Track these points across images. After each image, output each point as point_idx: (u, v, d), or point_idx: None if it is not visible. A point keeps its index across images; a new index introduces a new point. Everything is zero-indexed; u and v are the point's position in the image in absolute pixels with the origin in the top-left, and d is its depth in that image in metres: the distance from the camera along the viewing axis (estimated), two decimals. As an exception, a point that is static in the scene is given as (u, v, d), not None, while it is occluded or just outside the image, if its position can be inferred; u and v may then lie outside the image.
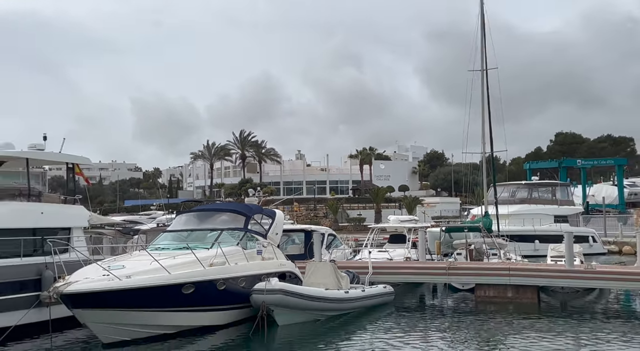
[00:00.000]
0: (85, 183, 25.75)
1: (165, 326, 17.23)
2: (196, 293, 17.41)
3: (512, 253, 30.10)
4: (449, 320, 21.33)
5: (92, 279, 16.18)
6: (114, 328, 16.44)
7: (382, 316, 21.05)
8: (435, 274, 25.05)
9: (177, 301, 17.11)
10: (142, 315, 16.64)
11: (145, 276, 16.58)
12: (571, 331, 18.74)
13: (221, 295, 18.22)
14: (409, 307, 23.56)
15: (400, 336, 18.17)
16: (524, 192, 53.24)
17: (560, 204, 51.61)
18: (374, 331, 18.96)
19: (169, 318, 17.24)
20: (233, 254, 19.15)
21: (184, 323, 17.61)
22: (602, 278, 23.42)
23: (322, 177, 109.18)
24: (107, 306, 16.04)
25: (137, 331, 16.75)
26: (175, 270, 17.13)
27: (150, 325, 16.94)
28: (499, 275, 23.64)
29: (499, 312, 21.54)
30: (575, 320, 20.53)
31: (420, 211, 73.04)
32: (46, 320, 17.30)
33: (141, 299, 16.36)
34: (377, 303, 22.27)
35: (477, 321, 20.63)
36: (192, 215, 22.22)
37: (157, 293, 16.55)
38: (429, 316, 22.17)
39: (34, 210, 20.51)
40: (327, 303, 19.75)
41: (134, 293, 16.18)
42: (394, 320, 20.80)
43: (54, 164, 23.83)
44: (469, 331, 19.17)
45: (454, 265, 24.80)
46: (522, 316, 20.81)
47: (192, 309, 17.61)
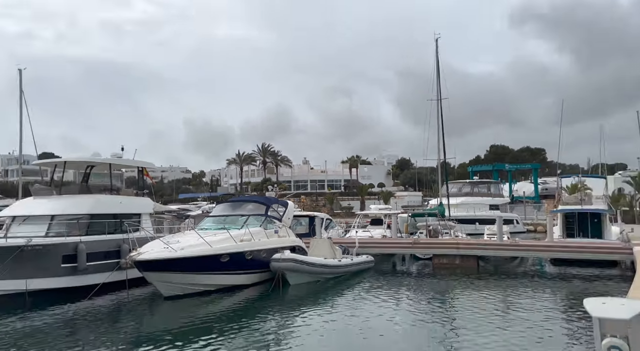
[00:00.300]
0: (151, 182, 25.76)
1: (208, 285, 17.21)
2: (230, 261, 17.42)
3: (459, 232, 30.15)
4: (414, 280, 21.33)
5: (156, 250, 16.23)
6: (171, 285, 16.45)
7: (365, 278, 20.95)
8: (404, 247, 25.10)
9: (216, 267, 17.11)
10: (191, 276, 16.63)
11: (194, 249, 16.61)
12: (500, 286, 19.06)
13: (248, 262, 18.22)
14: (385, 271, 23.47)
15: (378, 291, 18.17)
16: (468, 188, 53.20)
17: (493, 197, 51.67)
18: (359, 288, 18.87)
19: (211, 278, 17.23)
20: (257, 233, 19.14)
21: (221, 282, 17.57)
22: (523, 250, 23.66)
23: (321, 177, 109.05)
24: (166, 270, 16.07)
25: (188, 288, 16.69)
26: (215, 244, 17.15)
27: (197, 283, 16.91)
28: (450, 248, 23.68)
29: (450, 274, 21.55)
30: (503, 279, 20.85)
31: (393, 202, 72.94)
32: (124, 280, 17.35)
33: (190, 265, 16.37)
34: (361, 269, 22.16)
35: (434, 280, 20.74)
36: (228, 205, 22.27)
37: (201, 261, 16.58)
38: (400, 277, 22.27)
39: (115, 200, 20.61)
40: (325, 268, 19.72)
41: (185, 261, 16.20)
42: (373, 280, 20.69)
43: (128, 168, 23.84)
44: (428, 287, 19.27)
45: (417, 241, 24.82)
46: (465, 277, 20.87)
47: (227, 273, 17.59)
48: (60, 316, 14.83)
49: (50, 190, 20.35)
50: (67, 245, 17.63)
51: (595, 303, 3.07)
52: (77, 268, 17.65)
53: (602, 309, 3.00)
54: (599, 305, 3.04)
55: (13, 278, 16.24)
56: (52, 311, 15.27)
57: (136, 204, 21.34)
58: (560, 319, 13.64)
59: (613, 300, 3.08)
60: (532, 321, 13.35)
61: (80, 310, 15.40)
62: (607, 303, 3.04)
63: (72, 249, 17.67)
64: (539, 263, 25.01)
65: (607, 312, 2.96)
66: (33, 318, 14.58)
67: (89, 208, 19.20)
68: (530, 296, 17.10)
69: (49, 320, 14.40)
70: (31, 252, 16.50)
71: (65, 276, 17.46)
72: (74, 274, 17.61)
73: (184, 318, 14.32)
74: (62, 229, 18.34)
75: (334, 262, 20.27)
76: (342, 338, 12.53)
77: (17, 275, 16.24)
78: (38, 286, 16.71)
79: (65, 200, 19.48)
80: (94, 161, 21.70)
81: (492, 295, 17.22)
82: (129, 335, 13.02)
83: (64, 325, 13.93)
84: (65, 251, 17.56)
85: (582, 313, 13.99)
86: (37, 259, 16.69)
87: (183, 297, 16.54)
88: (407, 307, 16.08)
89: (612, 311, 2.95)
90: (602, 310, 2.98)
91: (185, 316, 14.58)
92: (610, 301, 3.06)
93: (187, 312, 15.05)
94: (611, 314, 2.93)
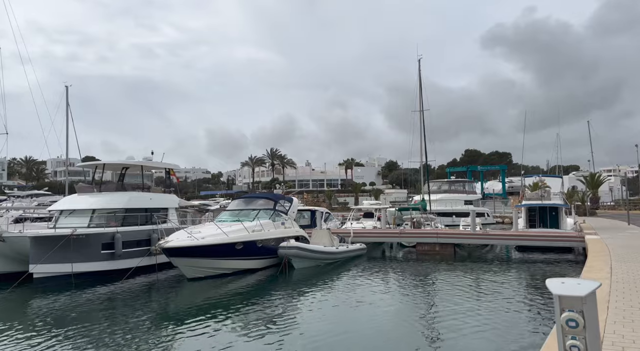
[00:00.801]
0: (176, 181, 25.68)
1: (224, 268, 17.18)
2: (244, 248, 17.39)
3: (438, 224, 30.08)
4: (400, 264, 21.21)
5: (181, 239, 16.19)
6: (194, 268, 16.43)
7: (359, 263, 20.88)
8: (392, 236, 24.99)
9: (232, 253, 17.08)
10: (211, 261, 16.61)
11: (212, 238, 16.57)
12: (473, 269, 18.81)
13: (259, 249, 18.19)
14: (376, 257, 23.38)
15: (370, 273, 18.15)
16: (446, 186, 53.13)
17: (467, 193, 51.57)
18: (354, 271, 18.80)
19: (227, 263, 17.19)
20: (266, 224, 19.11)
21: (236, 266, 17.54)
22: (492, 238, 23.55)
23: (321, 177, 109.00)
24: (189, 256, 16.05)
25: (207, 271, 16.68)
26: (230, 234, 17.11)
27: (216, 267, 16.88)
28: (430, 237, 23.59)
29: (431, 260, 21.43)
30: (476, 263, 20.66)
31: (382, 198, 72.90)
32: (154, 264, 17.33)
33: (210, 251, 16.35)
34: (356, 255, 22.16)
35: (418, 265, 20.59)
36: (242, 200, 22.21)
37: (219, 248, 16.55)
38: (388, 262, 22.11)
39: (146, 197, 20.56)
40: (324, 255, 19.69)
41: (205, 248, 16.17)
42: (366, 264, 20.64)
43: (157, 169, 23.73)
44: (411, 269, 19.14)
45: (403, 231, 24.77)
46: (444, 262, 20.80)
47: (241, 258, 17.56)
48: (101, 294, 14.81)
49: (92, 188, 20.33)
50: (106, 234, 17.62)
51: (556, 282, 3.07)
52: (114, 254, 17.64)
53: (561, 288, 3.00)
54: (558, 285, 3.04)
55: (61, 262, 16.23)
56: (93, 290, 15.29)
57: (164, 200, 21.30)
58: (523, 296, 13.59)
59: (571, 280, 3.08)
60: (499, 297, 13.34)
61: (117, 290, 15.40)
62: (566, 283, 3.04)
63: (110, 238, 17.66)
64: (506, 249, 24.97)
65: (565, 290, 2.96)
66: (79, 296, 14.58)
67: (124, 203, 19.18)
68: (498, 277, 17.03)
69: (92, 297, 14.42)
70: (76, 240, 16.49)
71: (104, 261, 17.46)
72: (111, 259, 17.60)
73: (205, 297, 14.31)
74: (101, 221, 18.36)
75: (332, 249, 20.23)
76: (338, 311, 12.53)
77: (64, 259, 16.23)
78: (81, 269, 16.70)
79: (104, 196, 19.45)
80: (129, 163, 21.69)
81: (466, 276, 17.14)
82: (158, 310, 13.00)
83: (104, 302, 13.91)
84: (105, 239, 17.55)
85: (542, 292, 14.03)
86: (81, 246, 16.67)
87: (204, 279, 16.54)
88: (394, 286, 16.03)
89: (570, 290, 2.95)
90: (562, 289, 2.98)
91: (206, 295, 14.58)
92: (568, 281, 3.06)
93: (208, 291, 15.03)
94: (569, 292, 2.93)
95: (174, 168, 23.33)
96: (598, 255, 14.53)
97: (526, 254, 22.98)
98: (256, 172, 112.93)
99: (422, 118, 35.60)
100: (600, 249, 15.92)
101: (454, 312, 11.64)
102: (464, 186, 53.41)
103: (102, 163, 21.03)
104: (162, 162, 22.87)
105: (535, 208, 26.46)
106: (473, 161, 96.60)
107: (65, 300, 14.02)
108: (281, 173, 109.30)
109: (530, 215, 26.68)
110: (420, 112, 35.54)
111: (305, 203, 59.30)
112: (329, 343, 9.49)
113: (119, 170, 22.56)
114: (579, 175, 68.52)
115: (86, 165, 23.15)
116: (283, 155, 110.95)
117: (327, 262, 19.92)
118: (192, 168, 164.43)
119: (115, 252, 17.62)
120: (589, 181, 55.84)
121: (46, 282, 15.94)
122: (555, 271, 18.24)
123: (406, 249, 25.37)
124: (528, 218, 26.68)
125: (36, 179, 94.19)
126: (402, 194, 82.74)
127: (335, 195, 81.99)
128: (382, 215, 27.27)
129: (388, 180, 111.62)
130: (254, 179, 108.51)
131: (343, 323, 11.15)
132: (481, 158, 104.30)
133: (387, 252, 25.75)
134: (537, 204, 26.48)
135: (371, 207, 32.17)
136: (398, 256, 24.20)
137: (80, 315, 12.14)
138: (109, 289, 15.45)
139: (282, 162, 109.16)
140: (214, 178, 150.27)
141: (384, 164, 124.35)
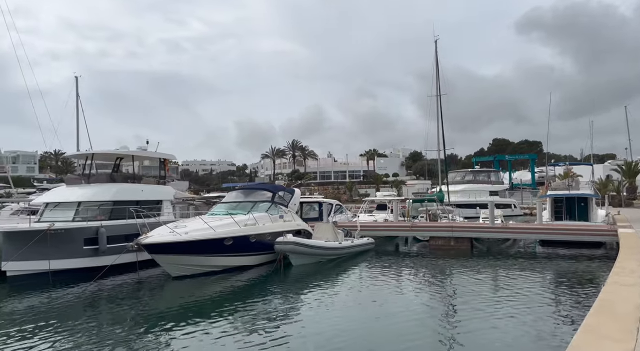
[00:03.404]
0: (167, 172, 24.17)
1: (213, 266, 15.86)
2: (234, 244, 16.05)
3: (456, 216, 28.21)
4: (410, 261, 19.66)
5: (162, 234, 14.97)
6: (178, 266, 15.17)
7: (365, 259, 19.40)
8: (402, 230, 23.32)
9: (220, 249, 15.75)
10: (196, 258, 15.32)
11: (197, 233, 15.27)
12: (489, 267, 17.21)
13: (253, 245, 16.83)
14: (385, 252, 21.79)
15: (374, 270, 16.86)
16: (470, 176, 51.07)
17: (493, 184, 49.43)
18: (356, 268, 17.46)
19: (216, 260, 15.88)
20: (261, 218, 17.72)
21: (226, 263, 16.21)
22: (512, 232, 21.59)
23: (343, 168, 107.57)
24: (172, 252, 14.81)
25: (194, 268, 15.40)
26: (219, 229, 15.79)
27: (202, 265, 15.58)
28: (445, 231, 21.88)
29: (444, 256, 19.86)
30: (494, 259, 18.96)
31: (405, 189, 71.04)
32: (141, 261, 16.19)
33: (194, 248, 15.05)
34: (362, 250, 20.62)
35: (429, 261, 19.07)
36: (239, 192, 20.79)
37: (205, 244, 15.23)
38: (397, 258, 20.50)
39: (136, 188, 19.48)
40: (325, 250, 18.22)
41: (189, 244, 14.89)
42: (372, 261, 19.15)
43: (150, 159, 22.54)
44: (421, 268, 17.52)
45: (415, 224, 23.06)
46: (459, 257, 19.29)
47: (232, 254, 16.22)
48: (80, 293, 13.77)
49: (80, 180, 19.36)
50: (88, 229, 16.57)
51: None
52: (98, 250, 16.57)
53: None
54: None
55: (36, 259, 15.24)
56: (72, 289, 14.23)
57: (157, 192, 20.17)
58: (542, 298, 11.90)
59: None
60: (517, 296, 11.88)
61: (97, 289, 14.32)
62: None
63: (93, 233, 16.60)
64: (530, 245, 22.98)
65: None
66: (54, 295, 13.58)
67: (112, 196, 18.13)
68: (516, 276, 15.36)
69: (70, 297, 13.41)
70: (54, 236, 15.45)
71: (87, 257, 16.41)
72: (95, 255, 16.55)
73: (189, 296, 13.14)
74: (88, 214, 17.32)
75: (334, 244, 18.74)
76: (332, 312, 11.30)
77: (40, 256, 15.23)
78: (60, 267, 15.68)
79: (92, 188, 18.44)
80: (120, 153, 20.62)
81: (480, 275, 15.57)
82: (140, 311, 11.90)
83: (83, 302, 12.91)
84: (87, 234, 16.51)
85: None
86: (60, 242, 15.64)
87: (191, 277, 15.30)
88: (398, 283, 14.73)
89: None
90: None
91: (191, 294, 13.41)
92: None
93: (192, 291, 13.85)
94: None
95: (169, 158, 22.12)
96: (631, 251, 12.72)
97: (550, 249, 21.06)
98: (278, 164, 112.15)
99: (439, 103, 33.53)
100: (635, 244, 14.09)
101: (465, 318, 10.20)
102: (489, 176, 51.12)
103: (91, 153, 19.93)
104: (157, 151, 21.68)
105: (562, 199, 24.36)
106: (501, 150, 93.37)
107: (41, 300, 13.07)
108: (302, 165, 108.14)
109: (556, 207, 24.60)
110: (437, 96, 33.49)
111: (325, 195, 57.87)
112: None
113: (112, 161, 21.53)
114: (614, 164, 64.98)
115: (75, 155, 22.06)
116: (304, 146, 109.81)
117: (329, 258, 18.47)
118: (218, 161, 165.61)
119: (99, 247, 16.56)
120: (625, 170, 52.64)
121: (21, 280, 15.00)
122: (581, 269, 16.36)
123: (421, 243, 23.71)
124: (554, 210, 24.59)
125: (65, 172, 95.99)
126: (425, 185, 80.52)
127: (356, 186, 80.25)
128: (394, 207, 25.50)
129: (412, 171, 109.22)
130: (274, 171, 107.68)
131: (337, 326, 9.87)
132: (510, 148, 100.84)
133: (402, 246, 24.10)
134: (564, 194, 24.36)
135: (384, 198, 30.42)
136: (410, 251, 22.56)
137: (56, 316, 11.18)
138: (89, 288, 14.36)
139: (304, 154, 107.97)
140: (238, 171, 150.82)
141: (408, 155, 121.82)
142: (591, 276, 14.95)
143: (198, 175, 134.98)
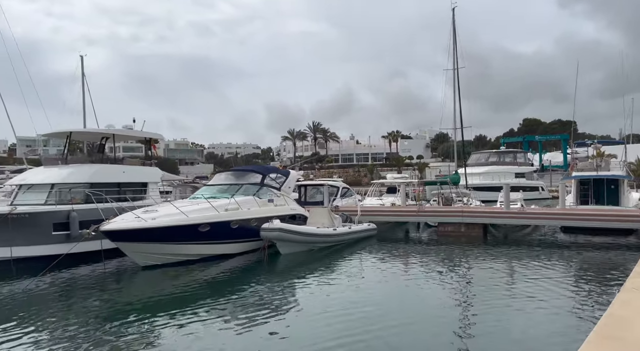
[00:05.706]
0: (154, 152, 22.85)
1: (187, 255, 14.48)
2: (212, 230, 14.62)
3: (473, 200, 26.18)
4: (415, 248, 17.96)
5: (126, 220, 13.64)
6: (146, 255, 13.85)
7: (364, 246, 17.79)
8: (409, 215, 21.40)
9: (195, 237, 14.35)
10: (166, 246, 13.96)
11: (167, 219, 13.89)
12: (502, 256, 15.44)
13: (235, 231, 15.38)
14: (389, 238, 20.07)
15: (373, 259, 15.50)
16: (495, 157, 48.88)
17: (519, 165, 47.00)
18: (356, 256, 16.04)
19: (190, 248, 14.50)
20: (246, 202, 16.23)
21: (203, 252, 14.83)
22: (530, 217, 19.54)
23: (365, 150, 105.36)
24: (135, 240, 13.47)
25: (164, 257, 14.05)
26: (194, 214, 14.37)
27: (175, 253, 14.22)
28: (455, 216, 20.02)
29: (454, 243, 18.12)
30: (508, 248, 17.08)
31: (428, 171, 68.69)
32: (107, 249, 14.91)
33: (163, 235, 13.69)
34: (361, 237, 19.00)
35: (435, 249, 17.42)
36: (228, 174, 19.28)
37: (175, 231, 13.84)
38: (401, 245, 18.74)
39: (117, 170, 18.24)
40: (317, 237, 16.66)
41: (157, 230, 13.54)
42: (372, 248, 17.58)
43: (136, 139, 21.27)
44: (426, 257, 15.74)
45: (422, 209, 21.20)
46: (470, 245, 17.61)
47: (210, 242, 14.81)
48: (45, 283, 12.66)
49: (57, 160, 18.25)
50: (58, 213, 15.43)
51: None
52: (70, 236, 15.41)
53: None
54: None
55: (-3, 245, 14.17)
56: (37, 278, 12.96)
57: (141, 173, 18.93)
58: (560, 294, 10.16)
59: None
60: (524, 289, 10.45)
61: (65, 277, 13.25)
62: None
63: (64, 217, 15.46)
64: (552, 230, 20.90)
65: None
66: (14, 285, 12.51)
67: (88, 177, 16.94)
68: (526, 265, 13.67)
69: (31, 286, 12.30)
70: (16, 220, 14.37)
71: (56, 243, 15.23)
72: (66, 242, 15.34)
73: (156, 288, 12.06)
74: (62, 197, 16.17)
75: (327, 231, 17.17)
76: (314, 306, 10.02)
77: (1, 242, 14.15)
78: (25, 254, 14.62)
79: (68, 169, 17.31)
80: (103, 132, 19.44)
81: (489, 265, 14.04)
82: (104, 303, 10.86)
83: (48, 292, 11.88)
84: (57, 219, 15.39)
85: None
86: (24, 227, 14.57)
87: (162, 266, 14.00)
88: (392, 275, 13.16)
89: None
90: None
91: (159, 286, 12.23)
92: None
93: (162, 282, 12.64)
94: None
95: (155, 137, 20.78)
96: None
97: (574, 236, 19.03)
98: (300, 147, 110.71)
99: (456, 76, 31.17)
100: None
101: (468, 318, 8.60)
102: (515, 157, 48.55)
103: (69, 132, 18.68)
104: (143, 131, 20.36)
105: (589, 181, 22.06)
106: (531, 131, 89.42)
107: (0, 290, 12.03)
108: (324, 147, 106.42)
109: (582, 189, 22.34)
110: (455, 70, 31.16)
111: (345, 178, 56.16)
112: None
113: (97, 141, 20.37)
114: (654, 144, 61.11)
115: (50, 134, 20.80)
116: (326, 128, 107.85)
117: (322, 246, 16.94)
118: (244, 144, 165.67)
119: (71, 233, 15.43)
120: (666, 150, 49.12)
121: (-21, 269, 13.97)
122: (606, 259, 14.39)
123: (432, 229, 21.95)
124: (580, 193, 22.35)
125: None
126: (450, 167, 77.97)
127: (377, 169, 78.23)
128: (402, 190, 23.63)
129: (437, 152, 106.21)
130: (295, 154, 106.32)
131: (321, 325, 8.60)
132: (541, 128, 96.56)
133: (412, 233, 22.34)
134: (591, 176, 22.04)
135: (395, 181, 28.54)
136: (418, 238, 20.80)
137: (17, 310, 10.17)
138: (57, 277, 13.25)
139: (325, 136, 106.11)
140: (263, 154, 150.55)
141: (434, 136, 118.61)
142: (617, 268, 13.04)
143: (223, 158, 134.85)
